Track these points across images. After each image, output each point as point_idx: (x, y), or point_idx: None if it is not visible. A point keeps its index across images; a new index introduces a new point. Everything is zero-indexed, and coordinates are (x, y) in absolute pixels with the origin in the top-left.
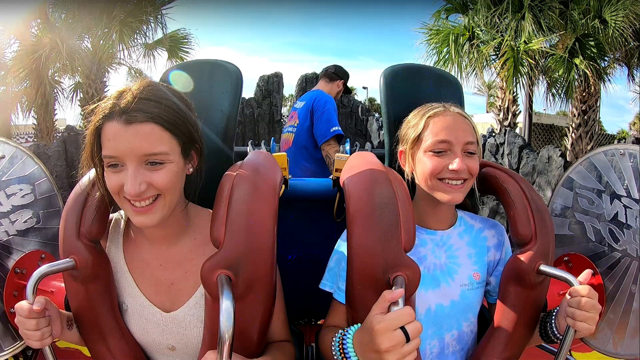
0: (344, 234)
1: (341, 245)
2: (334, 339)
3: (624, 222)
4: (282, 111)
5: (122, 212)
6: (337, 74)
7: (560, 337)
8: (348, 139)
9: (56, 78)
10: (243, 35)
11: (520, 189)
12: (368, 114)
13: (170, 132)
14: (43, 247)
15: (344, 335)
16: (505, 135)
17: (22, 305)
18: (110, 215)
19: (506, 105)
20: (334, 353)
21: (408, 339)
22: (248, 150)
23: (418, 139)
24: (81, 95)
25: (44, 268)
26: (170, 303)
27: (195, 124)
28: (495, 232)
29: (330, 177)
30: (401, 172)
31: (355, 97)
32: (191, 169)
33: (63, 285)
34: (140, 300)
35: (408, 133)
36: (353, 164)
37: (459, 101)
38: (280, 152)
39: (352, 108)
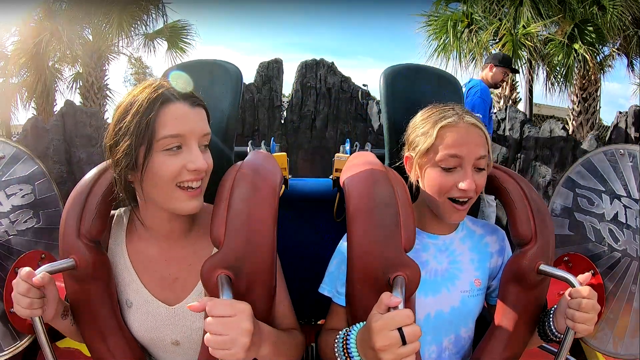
0: (345, 236)
1: (342, 247)
2: (337, 335)
3: (624, 222)
4: (282, 97)
5: (122, 209)
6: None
7: (559, 335)
8: (348, 139)
9: (57, 67)
10: (243, 35)
11: (520, 189)
12: (368, 98)
13: (208, 120)
14: (43, 247)
15: (349, 332)
16: (506, 112)
17: (25, 270)
18: (112, 212)
19: (506, 93)
20: (336, 349)
21: (404, 342)
22: (248, 151)
23: (428, 151)
24: (81, 84)
25: (44, 268)
26: (175, 297)
27: None
28: (497, 238)
29: (330, 177)
30: (402, 173)
31: None
32: None
33: (63, 285)
34: (145, 296)
35: (417, 141)
36: (353, 164)
37: (459, 101)
38: None
39: (352, 93)
